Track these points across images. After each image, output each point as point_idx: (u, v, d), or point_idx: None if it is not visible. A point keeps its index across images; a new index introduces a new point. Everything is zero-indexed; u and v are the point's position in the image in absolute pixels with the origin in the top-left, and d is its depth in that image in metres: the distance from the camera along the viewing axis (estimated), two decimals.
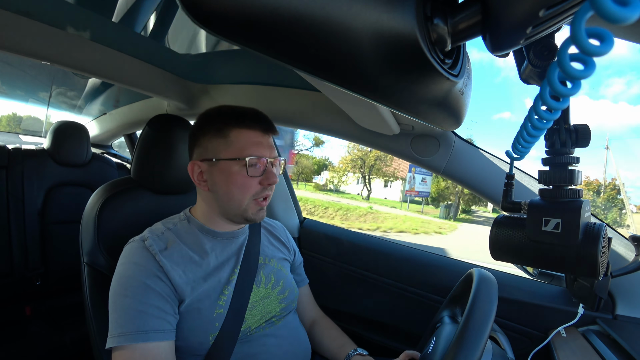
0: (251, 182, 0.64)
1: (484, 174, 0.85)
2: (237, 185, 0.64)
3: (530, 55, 0.30)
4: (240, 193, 0.65)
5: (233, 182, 0.64)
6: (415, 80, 0.27)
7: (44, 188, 1.43)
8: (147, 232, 0.66)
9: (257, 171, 0.64)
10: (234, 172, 0.63)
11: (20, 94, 1.84)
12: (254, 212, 0.66)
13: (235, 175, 0.63)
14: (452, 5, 0.26)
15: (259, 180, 0.65)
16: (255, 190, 0.65)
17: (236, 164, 0.63)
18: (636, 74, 74.97)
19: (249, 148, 0.64)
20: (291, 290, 0.77)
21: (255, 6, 0.17)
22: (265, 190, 0.66)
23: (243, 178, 0.63)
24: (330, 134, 1.02)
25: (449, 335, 0.62)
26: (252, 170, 0.64)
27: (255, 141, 0.64)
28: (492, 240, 0.40)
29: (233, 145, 0.63)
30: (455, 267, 1.02)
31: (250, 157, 0.63)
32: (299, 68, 0.21)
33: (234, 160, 0.63)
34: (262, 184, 0.65)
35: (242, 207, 0.65)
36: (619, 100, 71.61)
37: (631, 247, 0.76)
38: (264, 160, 0.65)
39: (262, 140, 0.66)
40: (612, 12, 0.14)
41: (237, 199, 0.65)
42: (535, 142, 0.35)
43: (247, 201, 0.65)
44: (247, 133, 0.64)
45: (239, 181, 0.64)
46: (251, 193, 0.65)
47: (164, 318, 0.57)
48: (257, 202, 0.66)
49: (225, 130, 0.64)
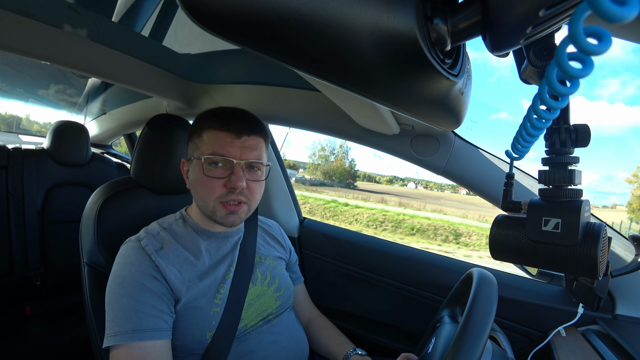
0: (213, 183, 0.63)
1: (484, 173, 0.85)
2: (202, 184, 0.64)
3: (530, 55, 0.30)
4: (205, 193, 0.64)
5: (199, 181, 0.64)
6: (415, 80, 0.27)
7: (44, 188, 1.43)
8: (142, 232, 0.66)
9: (218, 172, 0.63)
10: (198, 171, 0.64)
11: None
12: (222, 215, 0.64)
13: (200, 174, 0.63)
14: (452, 5, 0.26)
15: (224, 182, 0.63)
16: (220, 193, 0.63)
17: (203, 163, 0.63)
18: (631, 74, 75.40)
19: (214, 148, 0.62)
20: (287, 287, 0.77)
21: (255, 6, 0.17)
22: (232, 194, 0.63)
23: (206, 178, 0.63)
24: (331, 133, 1.02)
25: (448, 335, 0.62)
26: (209, 170, 0.63)
27: (223, 141, 0.63)
28: (492, 240, 0.40)
29: (203, 145, 0.64)
30: (455, 267, 1.02)
31: (206, 156, 0.62)
32: (299, 68, 0.21)
33: (198, 160, 0.64)
34: (227, 187, 0.63)
35: (210, 209, 0.64)
36: (615, 101, 71.81)
37: (631, 247, 0.76)
38: (230, 161, 0.62)
39: (233, 142, 0.63)
40: (610, 11, 0.15)
41: (202, 199, 0.65)
42: (535, 142, 0.35)
43: (212, 203, 0.64)
44: (216, 133, 0.63)
45: (203, 181, 0.63)
46: (215, 195, 0.63)
47: (160, 317, 0.57)
48: (225, 206, 0.63)
49: (201, 130, 0.65)
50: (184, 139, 0.80)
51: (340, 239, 1.17)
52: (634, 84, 79.35)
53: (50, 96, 1.72)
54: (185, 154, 0.76)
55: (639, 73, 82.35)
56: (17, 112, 2.72)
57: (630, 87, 79.12)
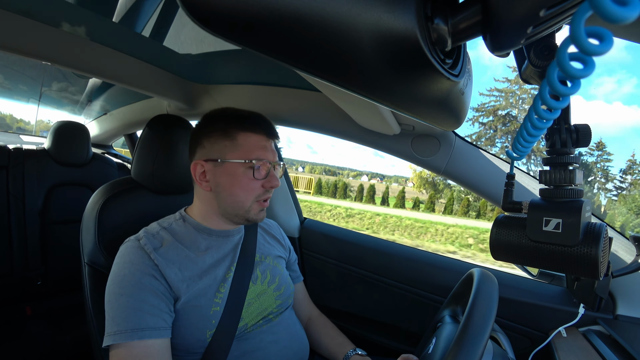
0: (255, 185, 0.67)
1: (485, 174, 0.85)
2: (241, 186, 0.66)
3: (531, 55, 0.30)
4: (244, 194, 0.67)
5: (238, 184, 0.66)
6: (415, 80, 0.27)
7: (45, 188, 1.43)
8: (142, 231, 0.67)
9: (261, 174, 0.67)
10: (240, 174, 0.65)
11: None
12: (256, 212, 0.69)
13: (240, 176, 0.66)
14: (453, 5, 0.26)
15: (262, 183, 0.67)
16: (258, 193, 0.68)
17: (242, 166, 0.65)
18: (626, 72, 75.04)
19: (256, 151, 0.66)
20: (287, 286, 0.78)
21: (256, 6, 0.17)
22: (267, 192, 0.69)
23: (248, 180, 0.66)
24: (331, 134, 1.02)
25: (449, 335, 0.62)
26: (257, 173, 0.66)
27: (261, 145, 0.67)
28: (492, 240, 0.40)
29: (241, 148, 0.66)
30: (456, 267, 1.01)
31: (257, 160, 0.65)
32: (299, 68, 0.21)
33: (241, 163, 0.65)
34: (265, 187, 0.68)
35: (245, 208, 0.67)
36: (612, 101, 71.42)
37: (631, 247, 0.76)
38: (267, 164, 0.67)
39: (267, 145, 0.68)
40: (611, 12, 0.14)
41: (240, 200, 0.67)
42: (536, 142, 0.35)
43: (250, 202, 0.67)
44: (253, 137, 0.67)
45: (244, 183, 0.66)
46: (254, 195, 0.67)
47: (159, 316, 0.58)
48: (260, 204, 0.69)
49: (231, 132, 0.66)
50: (185, 139, 0.80)
51: (341, 239, 1.17)
52: (630, 83, 79.31)
53: (52, 95, 1.72)
54: (186, 155, 0.76)
55: (634, 71, 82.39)
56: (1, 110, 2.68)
57: (626, 85, 79.00)
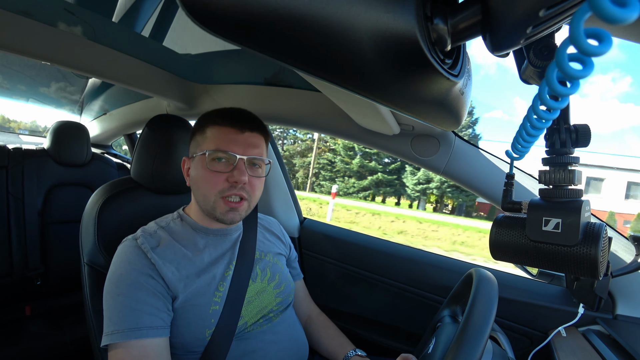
0: (215, 178, 0.63)
1: (484, 174, 0.85)
2: (204, 179, 0.64)
3: (530, 55, 0.30)
4: (206, 188, 0.64)
5: (202, 176, 0.65)
6: (415, 80, 0.27)
7: (44, 188, 1.43)
8: (139, 231, 0.67)
9: (221, 167, 0.64)
10: (201, 166, 0.65)
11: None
12: (222, 211, 0.64)
13: (203, 169, 0.64)
14: (452, 5, 0.26)
15: (226, 176, 0.64)
16: (222, 187, 0.64)
17: (206, 158, 0.64)
18: (620, 70, 75.27)
19: (218, 143, 0.64)
20: (287, 284, 0.77)
21: (255, 6, 0.17)
22: (234, 188, 0.64)
23: (209, 173, 0.63)
24: (331, 134, 1.02)
25: (449, 335, 0.62)
26: (213, 164, 0.63)
27: (227, 137, 0.64)
28: (492, 240, 0.40)
29: (206, 141, 0.65)
30: (456, 267, 1.02)
31: (210, 151, 0.63)
32: (299, 68, 0.21)
33: (202, 155, 0.64)
34: (229, 181, 0.64)
35: (210, 204, 0.65)
36: (608, 99, 71.40)
37: (631, 247, 0.76)
38: (233, 157, 0.64)
39: (237, 137, 0.64)
40: (611, 13, 0.15)
41: (203, 194, 0.65)
42: (535, 142, 0.35)
43: (213, 198, 0.64)
44: (220, 129, 0.65)
45: (206, 175, 0.64)
46: (217, 189, 0.64)
47: (157, 315, 0.57)
48: (226, 201, 0.64)
49: (205, 127, 0.66)
50: (184, 139, 0.80)
51: (341, 239, 1.17)
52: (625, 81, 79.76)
53: (51, 95, 1.72)
54: (186, 154, 0.76)
55: (628, 69, 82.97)
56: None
57: (620, 84, 79.41)
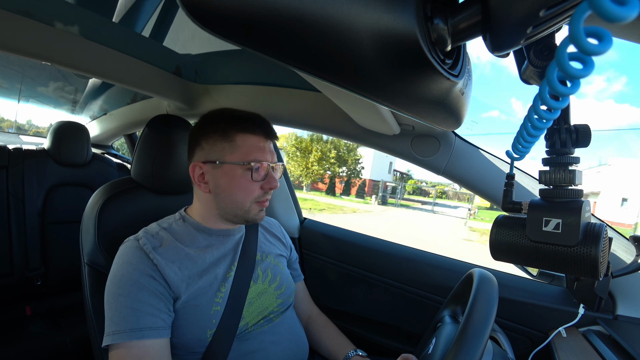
0: (254, 186, 0.66)
1: (484, 174, 0.85)
2: (240, 188, 0.66)
3: (531, 55, 0.30)
4: (243, 196, 0.66)
5: (236, 186, 0.65)
6: (415, 80, 0.27)
7: (44, 188, 1.43)
8: (141, 231, 0.67)
9: (259, 176, 0.67)
10: (238, 176, 0.65)
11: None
12: (255, 213, 0.69)
13: (239, 178, 0.65)
14: (453, 5, 0.26)
15: (261, 184, 0.67)
16: (257, 194, 0.67)
17: (241, 168, 0.65)
18: (615, 70, 75.70)
19: (254, 153, 0.65)
20: (288, 285, 0.78)
21: (255, 6, 0.17)
22: (266, 194, 0.69)
23: (246, 182, 0.65)
24: (331, 134, 1.02)
25: (449, 335, 0.62)
26: (255, 174, 0.66)
27: (259, 146, 0.66)
28: (492, 240, 0.40)
29: (239, 149, 0.65)
30: (456, 267, 1.01)
31: (254, 162, 0.65)
32: (299, 68, 0.21)
33: (239, 164, 0.65)
34: (264, 188, 0.67)
35: (245, 209, 0.67)
36: (604, 99, 71.81)
37: (631, 248, 0.76)
38: (266, 165, 0.67)
39: (265, 146, 0.68)
40: (610, 11, 0.15)
41: (239, 202, 0.67)
42: (536, 142, 0.35)
43: (249, 204, 0.67)
44: (251, 138, 0.66)
45: (243, 184, 0.65)
46: (253, 196, 0.67)
47: (158, 315, 0.57)
48: (259, 204, 0.68)
49: (230, 133, 0.65)
50: (185, 139, 0.80)
51: (341, 239, 1.17)
52: (620, 81, 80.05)
53: (50, 94, 1.72)
54: (186, 154, 0.76)
55: (622, 69, 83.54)
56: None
57: (615, 84, 79.73)
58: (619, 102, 70.67)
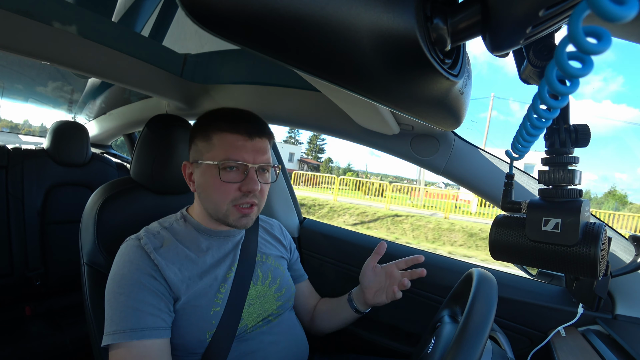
0: (228, 188, 0.62)
1: (484, 173, 0.85)
2: (214, 189, 0.63)
3: (530, 55, 0.30)
4: (217, 197, 0.63)
5: (210, 186, 0.63)
6: (415, 80, 0.27)
7: (44, 188, 1.43)
8: (142, 231, 0.66)
9: (233, 176, 0.63)
10: (212, 176, 0.63)
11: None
12: (235, 218, 0.64)
13: (213, 178, 0.62)
14: (452, 5, 0.26)
15: (239, 186, 0.63)
16: (234, 196, 0.63)
17: (214, 168, 0.62)
18: (612, 70, 75.81)
19: (228, 152, 0.62)
20: (288, 288, 0.77)
21: (255, 6, 0.17)
22: (246, 197, 0.63)
23: (217, 182, 0.62)
24: (330, 133, 1.02)
25: (448, 335, 0.62)
26: (226, 174, 0.62)
27: (236, 145, 0.62)
28: (491, 240, 0.40)
29: (214, 149, 0.63)
30: (455, 267, 1.02)
31: (223, 162, 0.61)
32: (298, 68, 0.21)
33: (212, 164, 0.62)
34: (242, 190, 0.63)
35: (222, 212, 0.64)
36: (601, 99, 71.90)
37: (630, 248, 0.76)
38: (244, 166, 0.63)
39: (246, 145, 0.63)
40: (609, 11, 0.15)
41: (214, 203, 0.64)
42: (535, 142, 0.35)
43: (225, 206, 0.63)
44: (228, 136, 0.63)
45: (217, 185, 0.62)
46: (229, 199, 0.63)
47: (158, 315, 0.57)
48: (238, 209, 0.64)
49: (209, 132, 0.64)
50: (184, 139, 0.80)
51: (340, 239, 1.17)
52: (617, 81, 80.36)
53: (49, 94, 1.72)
54: (186, 155, 0.76)
55: (619, 69, 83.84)
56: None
57: (612, 84, 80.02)
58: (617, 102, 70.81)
